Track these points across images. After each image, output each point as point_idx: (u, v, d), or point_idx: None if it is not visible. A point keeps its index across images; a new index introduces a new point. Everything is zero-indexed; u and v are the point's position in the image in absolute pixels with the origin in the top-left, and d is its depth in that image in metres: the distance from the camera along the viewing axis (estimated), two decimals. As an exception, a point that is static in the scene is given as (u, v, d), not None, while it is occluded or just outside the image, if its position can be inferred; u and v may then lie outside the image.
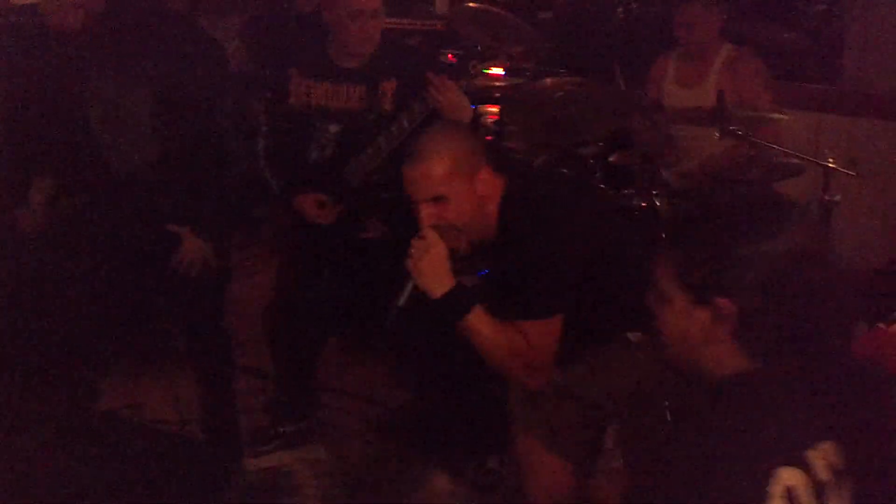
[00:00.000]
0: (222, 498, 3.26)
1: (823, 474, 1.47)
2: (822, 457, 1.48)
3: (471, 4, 5.71)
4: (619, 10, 5.78)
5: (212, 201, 3.30)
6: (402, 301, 2.48)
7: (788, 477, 1.42)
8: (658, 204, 3.85)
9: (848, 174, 3.64)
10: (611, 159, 4.21)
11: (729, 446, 1.44)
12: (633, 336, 2.56)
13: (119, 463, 3.19)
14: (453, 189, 2.46)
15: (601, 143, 4.44)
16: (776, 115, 3.87)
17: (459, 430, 3.48)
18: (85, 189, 3.44)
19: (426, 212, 2.48)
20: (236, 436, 3.61)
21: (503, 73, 5.57)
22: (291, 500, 3.44)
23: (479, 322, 2.43)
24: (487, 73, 5.27)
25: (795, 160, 3.76)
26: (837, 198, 3.63)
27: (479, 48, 5.11)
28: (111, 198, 3.39)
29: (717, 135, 3.72)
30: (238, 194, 3.43)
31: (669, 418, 2.27)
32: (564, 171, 4.27)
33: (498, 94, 5.14)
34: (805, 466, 1.45)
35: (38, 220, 3.62)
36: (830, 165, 3.62)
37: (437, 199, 2.47)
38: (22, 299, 3.58)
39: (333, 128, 3.45)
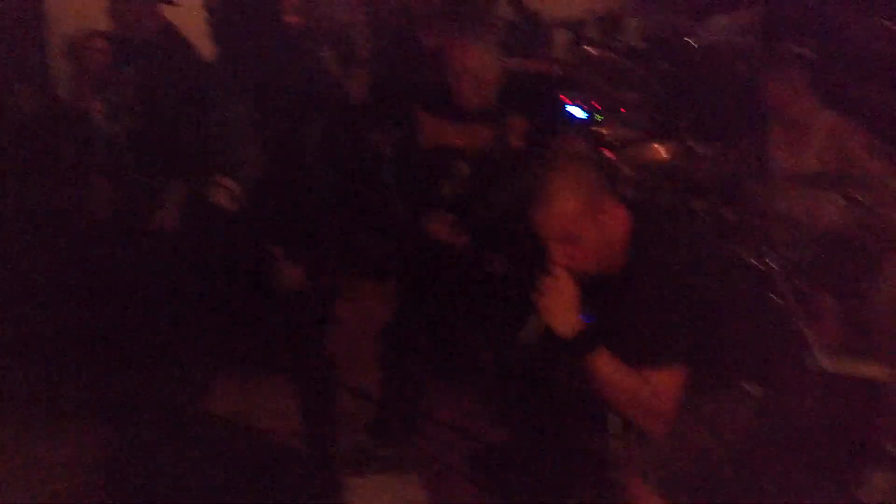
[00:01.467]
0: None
1: None
2: None
3: (590, 49, 5.79)
4: (739, 64, 5.76)
5: (305, 227, 3.40)
6: (527, 337, 2.51)
7: None
8: (770, 264, 3.84)
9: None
10: (722, 213, 4.21)
11: None
12: (750, 387, 2.57)
13: (222, 463, 3.31)
14: (584, 228, 2.51)
15: (713, 197, 4.45)
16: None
17: (549, 471, 3.49)
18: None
19: (559, 251, 2.52)
20: (336, 452, 3.69)
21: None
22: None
23: (604, 364, 2.46)
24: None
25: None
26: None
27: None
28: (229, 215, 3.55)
29: (842, 200, 3.70)
30: (338, 221, 3.52)
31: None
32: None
33: (613, 140, 5.18)
34: None
35: (171, 222, 3.81)
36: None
37: (569, 239, 2.51)
38: (148, 297, 3.76)
39: (462, 165, 3.53)
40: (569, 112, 5.37)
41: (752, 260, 3.91)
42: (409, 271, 3.77)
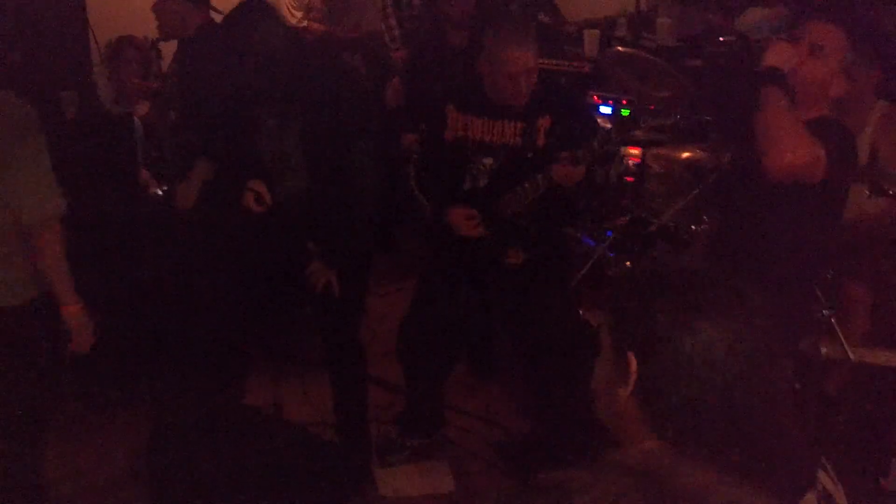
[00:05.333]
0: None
1: None
2: None
3: (619, 49, 5.83)
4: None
5: (339, 234, 3.47)
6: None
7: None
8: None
9: None
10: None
11: None
12: None
13: (257, 453, 3.41)
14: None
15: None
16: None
17: (572, 455, 3.55)
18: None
19: None
20: (367, 442, 3.78)
21: (648, 117, 5.64)
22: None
23: (775, 95, 2.77)
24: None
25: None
26: None
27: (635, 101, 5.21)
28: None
29: (868, 193, 3.71)
30: (372, 222, 3.58)
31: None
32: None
33: (641, 137, 5.22)
34: None
35: (189, 198, 3.94)
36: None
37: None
38: (184, 293, 3.87)
39: (488, 160, 3.59)
40: (598, 110, 5.45)
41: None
42: (431, 264, 3.84)
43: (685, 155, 4.78)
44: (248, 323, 3.92)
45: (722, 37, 6.40)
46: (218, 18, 3.99)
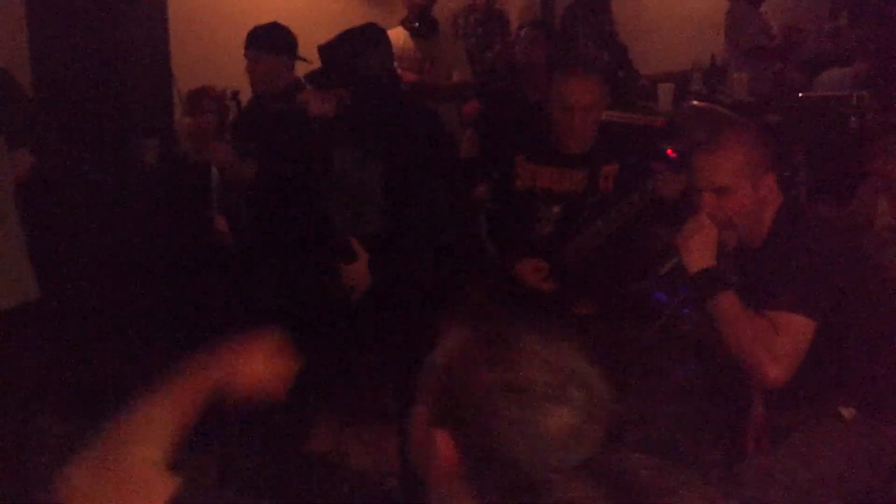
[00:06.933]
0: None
1: None
2: None
3: (695, 103, 5.80)
4: (852, 118, 5.67)
5: (405, 275, 3.47)
6: (663, 271, 2.74)
7: None
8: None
9: None
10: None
11: None
12: (846, 412, 2.54)
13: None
14: (738, 184, 2.57)
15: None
16: None
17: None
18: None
19: (708, 200, 2.61)
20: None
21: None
22: None
23: (730, 303, 2.50)
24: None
25: None
26: None
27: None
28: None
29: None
30: (445, 269, 3.57)
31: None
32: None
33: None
34: None
35: None
36: None
37: (721, 191, 2.59)
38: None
39: (556, 209, 3.58)
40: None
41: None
42: (499, 314, 3.80)
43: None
44: (314, 370, 3.92)
45: (801, 92, 6.34)
46: (304, 67, 4.05)
